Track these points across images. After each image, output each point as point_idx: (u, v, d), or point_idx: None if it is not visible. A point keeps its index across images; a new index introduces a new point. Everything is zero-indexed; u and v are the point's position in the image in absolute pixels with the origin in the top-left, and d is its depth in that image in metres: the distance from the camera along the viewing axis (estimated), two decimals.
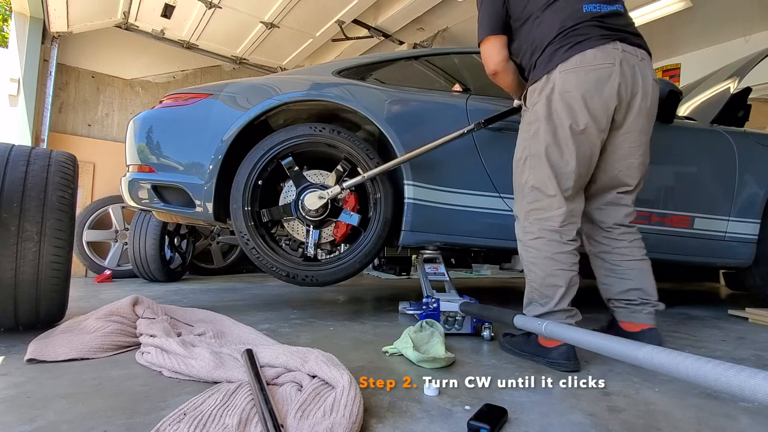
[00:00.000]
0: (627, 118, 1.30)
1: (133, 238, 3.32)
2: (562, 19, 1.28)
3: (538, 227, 1.30)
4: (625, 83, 1.25)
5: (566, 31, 1.26)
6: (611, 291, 1.44)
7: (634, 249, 1.41)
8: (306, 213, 1.82)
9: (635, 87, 1.27)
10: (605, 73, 1.23)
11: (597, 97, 1.23)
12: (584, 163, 1.29)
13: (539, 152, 1.29)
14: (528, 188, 1.33)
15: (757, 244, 2.18)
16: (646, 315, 1.38)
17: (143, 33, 4.26)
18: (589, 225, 1.48)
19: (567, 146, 1.26)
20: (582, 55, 1.23)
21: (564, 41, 1.26)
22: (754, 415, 0.91)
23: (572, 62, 1.23)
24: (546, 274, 1.27)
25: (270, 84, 1.92)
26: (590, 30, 1.26)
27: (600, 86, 1.23)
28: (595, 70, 1.22)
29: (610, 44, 1.24)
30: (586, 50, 1.23)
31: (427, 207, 1.87)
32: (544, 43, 1.29)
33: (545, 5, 1.32)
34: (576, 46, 1.24)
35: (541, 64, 1.30)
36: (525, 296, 1.35)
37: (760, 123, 3.16)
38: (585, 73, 1.22)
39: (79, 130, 4.18)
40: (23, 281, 1.33)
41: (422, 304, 1.70)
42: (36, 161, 1.40)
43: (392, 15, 3.92)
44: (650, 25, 4.00)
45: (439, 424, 0.81)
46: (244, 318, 1.74)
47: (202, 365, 1.04)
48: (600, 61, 1.22)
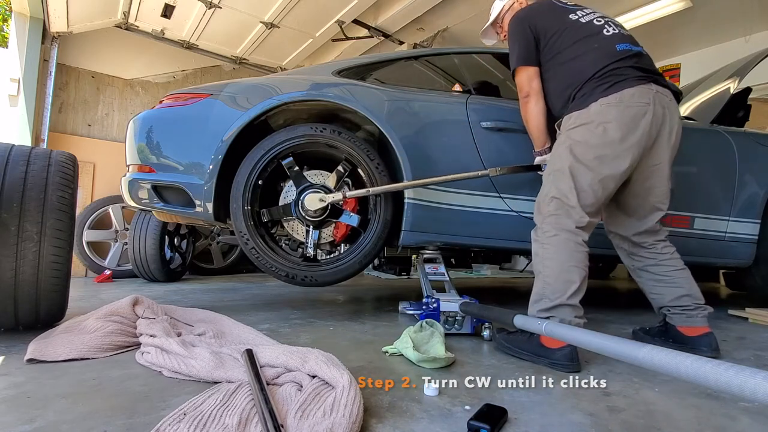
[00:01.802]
0: (655, 151, 1.40)
1: (133, 238, 3.32)
2: (599, 58, 1.40)
3: (556, 227, 1.35)
4: (656, 121, 1.36)
5: (605, 70, 1.37)
6: (664, 299, 1.50)
7: (676, 259, 1.51)
8: (306, 213, 1.82)
9: (664, 124, 1.38)
10: (641, 110, 1.33)
11: (633, 130, 1.33)
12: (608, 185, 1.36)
13: (563, 167, 1.37)
14: (549, 198, 1.39)
15: (757, 244, 2.18)
16: (702, 319, 1.45)
17: (143, 33, 4.26)
18: (630, 244, 1.56)
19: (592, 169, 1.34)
20: (621, 94, 1.33)
21: (604, 80, 1.37)
22: (754, 415, 0.91)
23: (612, 98, 1.34)
24: (561, 270, 1.31)
25: (270, 84, 1.91)
26: (628, 71, 1.37)
27: (636, 121, 1.33)
28: (633, 107, 1.33)
29: (646, 85, 1.36)
30: (625, 89, 1.34)
31: (427, 207, 1.87)
32: (583, 79, 1.40)
33: (574, 41, 1.43)
34: (616, 84, 1.35)
35: (580, 97, 1.40)
36: (534, 293, 1.36)
37: (760, 123, 3.15)
38: (625, 108, 1.33)
39: (79, 130, 4.18)
40: (23, 281, 1.33)
41: (422, 304, 1.70)
42: (36, 161, 1.40)
43: (392, 15, 3.92)
44: (650, 25, 4.00)
45: (439, 424, 0.81)
46: (244, 318, 1.74)
47: (202, 365, 1.04)
48: (637, 99, 1.33)
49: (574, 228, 1.32)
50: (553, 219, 1.35)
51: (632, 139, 1.32)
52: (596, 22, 1.48)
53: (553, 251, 1.33)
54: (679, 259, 1.51)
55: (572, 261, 1.30)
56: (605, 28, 1.46)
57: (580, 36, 1.44)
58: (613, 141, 1.32)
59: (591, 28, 1.46)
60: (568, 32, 1.46)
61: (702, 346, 1.41)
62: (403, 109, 1.93)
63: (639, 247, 1.53)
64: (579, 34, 1.45)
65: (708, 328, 1.44)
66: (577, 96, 1.40)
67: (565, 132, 1.41)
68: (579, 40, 1.44)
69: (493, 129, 1.93)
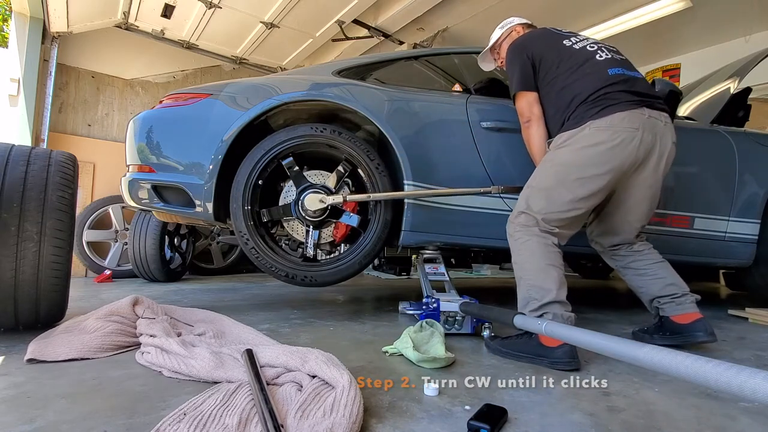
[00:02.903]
0: (640, 174, 1.44)
1: (133, 238, 3.32)
2: (591, 83, 1.43)
3: (526, 233, 1.40)
4: (644, 147, 1.38)
5: (597, 94, 1.41)
6: (651, 291, 1.54)
7: (653, 253, 1.57)
8: (306, 213, 1.82)
9: (653, 150, 1.41)
10: (630, 135, 1.36)
11: (620, 154, 1.36)
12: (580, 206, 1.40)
13: (541, 186, 1.42)
14: (518, 213, 1.44)
15: (757, 244, 2.18)
16: (691, 305, 1.49)
17: (143, 33, 4.26)
18: (607, 249, 1.63)
19: (571, 190, 1.38)
20: (612, 117, 1.36)
21: (596, 103, 1.40)
22: (754, 415, 0.91)
23: (603, 122, 1.37)
24: (539, 269, 1.34)
25: (270, 84, 1.91)
26: (620, 95, 1.40)
27: (624, 145, 1.36)
28: (623, 131, 1.36)
29: (638, 109, 1.39)
30: (616, 113, 1.37)
31: (427, 207, 1.87)
32: (576, 102, 1.43)
33: (568, 68, 1.48)
34: (608, 108, 1.38)
35: (573, 119, 1.43)
36: (520, 298, 1.37)
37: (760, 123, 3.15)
38: (613, 132, 1.35)
39: (79, 130, 4.18)
40: (23, 281, 1.33)
41: (422, 304, 1.70)
42: (36, 161, 1.40)
43: (392, 15, 3.92)
44: (650, 25, 4.00)
45: (439, 424, 0.81)
46: (244, 318, 1.74)
47: (202, 365, 1.04)
48: (627, 124, 1.36)
49: (542, 233, 1.38)
50: (523, 228, 1.41)
51: (615, 162, 1.36)
52: (589, 48, 1.52)
53: (528, 255, 1.38)
54: (656, 253, 1.57)
55: (547, 260, 1.35)
56: (598, 53, 1.50)
57: (574, 63, 1.49)
58: (596, 163, 1.36)
59: (584, 54, 1.50)
60: (563, 60, 1.51)
61: (697, 331, 1.45)
62: (403, 109, 1.92)
63: (617, 249, 1.61)
64: (573, 60, 1.49)
65: (699, 314, 1.47)
66: (570, 118, 1.44)
67: (554, 150, 1.45)
68: (573, 66, 1.48)
69: (494, 129, 1.93)
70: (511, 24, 1.81)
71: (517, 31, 1.79)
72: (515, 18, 1.84)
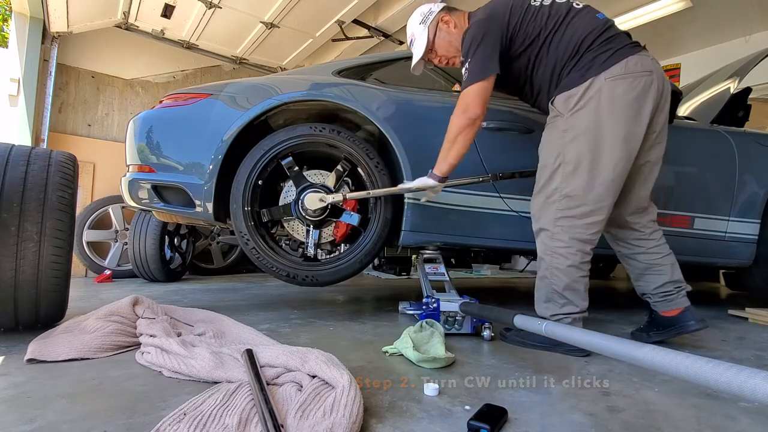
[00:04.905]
0: (656, 124, 1.35)
1: (133, 238, 3.32)
2: (584, 27, 1.30)
3: (569, 236, 1.31)
4: (659, 90, 1.29)
5: (602, 38, 1.29)
6: (649, 287, 1.51)
7: (663, 245, 1.49)
8: (306, 213, 1.82)
9: (664, 93, 1.33)
10: (648, 80, 1.26)
11: (645, 104, 1.26)
12: (623, 172, 1.30)
13: (577, 160, 1.29)
14: (559, 195, 1.32)
15: (757, 244, 2.18)
16: (682, 299, 1.48)
17: (143, 33, 4.26)
18: (618, 229, 1.52)
19: (610, 154, 1.26)
20: (626, 62, 1.25)
21: (603, 47, 1.28)
22: (754, 415, 0.91)
23: (617, 69, 1.25)
24: (571, 280, 1.32)
25: (270, 84, 1.91)
26: (622, 38, 1.30)
27: (646, 92, 1.26)
28: (641, 76, 1.25)
29: (644, 52, 1.30)
30: (628, 57, 1.25)
31: (427, 207, 1.87)
32: (583, 49, 1.29)
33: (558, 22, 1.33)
34: (617, 53, 1.26)
35: (579, 69, 1.28)
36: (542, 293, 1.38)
37: (760, 123, 3.16)
38: (633, 80, 1.24)
39: (79, 130, 4.18)
40: (23, 281, 1.33)
41: (422, 304, 1.70)
42: (36, 161, 1.40)
43: (392, 15, 3.92)
44: (650, 25, 4.00)
45: (439, 424, 0.81)
46: (244, 318, 1.74)
47: (202, 365, 1.04)
48: (641, 68, 1.26)
49: (588, 236, 1.30)
50: (566, 222, 1.30)
51: (644, 111, 1.26)
52: (559, 1, 1.36)
53: (563, 261, 1.32)
54: (665, 245, 1.51)
55: (580, 272, 1.31)
56: (573, 3, 1.36)
57: (558, 16, 1.33)
58: (629, 117, 1.24)
59: (563, 6, 1.35)
60: (543, 16, 1.33)
61: (687, 321, 1.44)
62: (402, 109, 1.92)
63: (630, 231, 1.50)
64: (555, 14, 1.33)
65: (687, 303, 1.47)
66: (573, 70, 1.29)
67: (567, 116, 1.29)
68: (558, 19, 1.32)
69: (494, 129, 1.93)
70: (431, 16, 1.53)
71: (445, 21, 1.53)
72: (427, 7, 1.55)
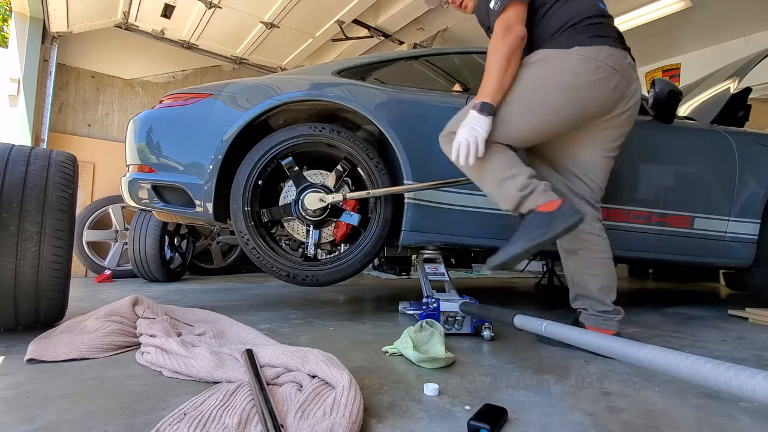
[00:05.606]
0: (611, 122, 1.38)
1: (133, 238, 3.32)
2: (585, 9, 1.35)
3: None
4: (618, 92, 1.32)
5: (591, 20, 1.33)
6: (589, 288, 1.45)
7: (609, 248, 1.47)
8: (306, 213, 1.82)
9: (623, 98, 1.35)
10: (609, 75, 1.29)
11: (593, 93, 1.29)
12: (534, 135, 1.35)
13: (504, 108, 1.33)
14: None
15: (757, 244, 2.18)
16: (615, 323, 1.43)
17: (143, 33, 4.26)
18: None
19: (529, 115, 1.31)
20: (599, 49, 1.29)
21: (588, 29, 1.32)
22: (754, 415, 0.91)
23: (590, 51, 1.28)
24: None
25: (270, 84, 1.91)
26: (610, 29, 1.34)
27: (601, 85, 1.29)
28: (604, 69, 1.28)
29: (623, 52, 1.33)
30: (605, 46, 1.29)
31: (427, 207, 1.87)
32: (565, 25, 1.33)
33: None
34: (597, 38, 1.30)
35: (558, 39, 1.33)
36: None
37: (760, 123, 3.16)
38: (596, 67, 1.28)
39: (79, 130, 4.18)
40: (23, 281, 1.33)
41: (422, 304, 1.70)
42: (36, 161, 1.40)
43: (392, 15, 3.92)
44: (650, 25, 4.01)
45: (439, 424, 0.81)
46: (244, 318, 1.74)
47: (202, 365, 1.04)
48: (611, 62, 1.29)
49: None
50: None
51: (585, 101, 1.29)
52: None
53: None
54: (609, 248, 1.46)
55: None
56: None
57: None
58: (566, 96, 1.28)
59: None
60: None
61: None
62: (402, 109, 1.92)
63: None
64: None
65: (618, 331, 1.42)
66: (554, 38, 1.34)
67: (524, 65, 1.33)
68: None
69: None
70: None
71: None
72: None
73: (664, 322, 1.99)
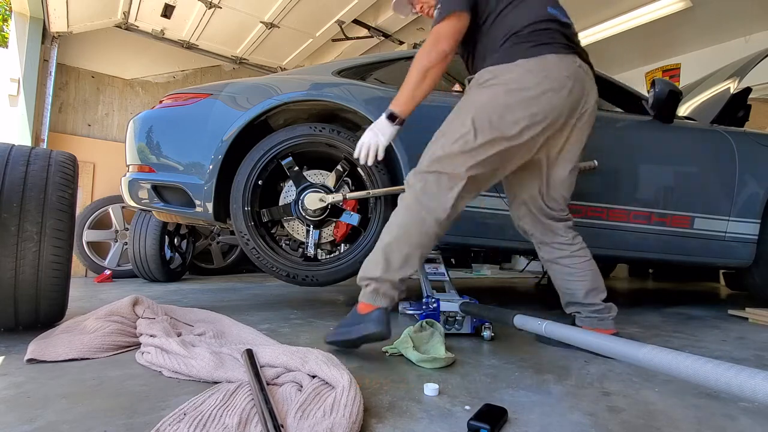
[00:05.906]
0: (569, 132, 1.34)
1: (133, 238, 3.32)
2: (528, 15, 1.29)
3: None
4: (573, 98, 1.27)
5: (533, 27, 1.27)
6: (576, 296, 1.46)
7: (585, 249, 1.46)
8: (306, 213, 1.82)
9: (579, 103, 1.30)
10: (560, 84, 1.24)
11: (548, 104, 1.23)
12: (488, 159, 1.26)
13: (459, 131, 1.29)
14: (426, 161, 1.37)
15: (757, 244, 2.18)
16: (611, 321, 1.45)
17: (143, 33, 4.26)
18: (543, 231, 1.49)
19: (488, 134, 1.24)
20: (544, 59, 1.24)
21: (530, 38, 1.26)
22: (754, 415, 0.91)
23: (535, 63, 1.24)
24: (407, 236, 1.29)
25: (270, 84, 1.92)
26: (556, 35, 1.29)
27: (553, 94, 1.23)
28: (554, 80, 1.23)
29: (571, 56, 1.28)
30: (549, 54, 1.24)
31: None
32: (509, 33, 1.28)
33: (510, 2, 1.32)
34: (542, 46, 1.25)
35: (502, 52, 1.28)
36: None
37: (760, 123, 3.16)
38: (544, 77, 1.23)
39: (79, 130, 4.18)
40: (23, 281, 1.33)
41: (422, 304, 1.70)
42: (36, 161, 1.40)
43: (392, 15, 3.91)
44: (650, 25, 4.00)
45: (439, 424, 0.81)
46: (244, 318, 1.74)
47: (202, 365, 1.04)
48: (559, 72, 1.24)
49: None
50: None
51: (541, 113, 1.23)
52: None
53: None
54: (587, 249, 1.47)
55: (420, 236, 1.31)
56: None
57: None
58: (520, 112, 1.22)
59: None
60: None
61: None
62: None
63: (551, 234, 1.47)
64: None
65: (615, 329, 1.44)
66: (499, 51, 1.28)
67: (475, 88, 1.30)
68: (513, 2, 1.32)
69: None
70: None
71: None
72: None
73: (664, 322, 1.99)
